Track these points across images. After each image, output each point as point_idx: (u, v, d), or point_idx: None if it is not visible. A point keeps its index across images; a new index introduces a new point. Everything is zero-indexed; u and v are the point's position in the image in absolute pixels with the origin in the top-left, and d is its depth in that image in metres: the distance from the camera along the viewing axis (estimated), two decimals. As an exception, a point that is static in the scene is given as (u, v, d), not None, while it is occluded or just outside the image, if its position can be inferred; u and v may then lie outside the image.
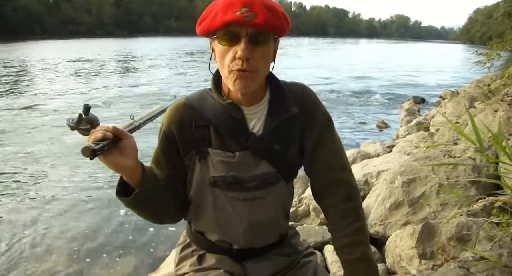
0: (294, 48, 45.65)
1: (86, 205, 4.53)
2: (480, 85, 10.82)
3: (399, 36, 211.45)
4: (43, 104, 10.44)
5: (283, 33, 1.04)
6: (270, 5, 0.99)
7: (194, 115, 1.15)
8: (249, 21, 0.95)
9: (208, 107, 1.14)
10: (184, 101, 1.18)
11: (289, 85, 1.20)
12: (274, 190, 1.18)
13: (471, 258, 1.67)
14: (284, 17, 1.03)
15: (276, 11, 1.00)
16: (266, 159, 1.14)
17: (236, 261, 1.25)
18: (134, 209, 1.10)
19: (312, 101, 1.20)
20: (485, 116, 4.15)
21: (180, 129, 1.14)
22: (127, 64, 22.59)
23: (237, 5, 0.96)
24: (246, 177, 1.14)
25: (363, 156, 4.94)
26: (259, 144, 1.13)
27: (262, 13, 0.96)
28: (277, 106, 1.15)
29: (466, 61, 24.57)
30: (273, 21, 0.98)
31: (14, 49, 31.77)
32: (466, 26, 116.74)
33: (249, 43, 0.98)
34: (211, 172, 1.14)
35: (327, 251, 2.66)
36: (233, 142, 1.14)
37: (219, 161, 1.13)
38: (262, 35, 0.99)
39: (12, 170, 5.63)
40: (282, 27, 1.02)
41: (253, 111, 1.15)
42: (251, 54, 0.99)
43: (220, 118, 1.13)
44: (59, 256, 3.48)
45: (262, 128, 1.14)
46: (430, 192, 2.62)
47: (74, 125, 0.95)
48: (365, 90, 14.44)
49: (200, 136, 1.14)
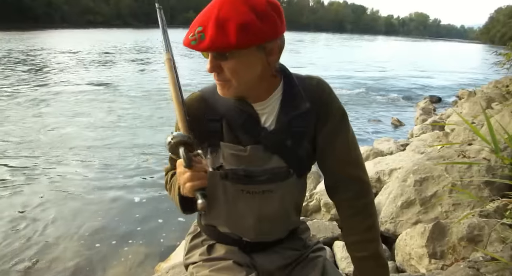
0: (310, 44, 45.39)
1: (97, 195, 4.58)
2: (498, 86, 10.64)
3: (417, 34, 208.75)
4: (62, 91, 10.59)
5: (244, 47, 0.98)
6: (223, 20, 0.95)
7: (207, 109, 1.16)
8: (195, 46, 0.97)
9: (221, 100, 1.15)
10: (198, 93, 1.19)
11: (303, 79, 1.19)
12: (285, 184, 1.18)
13: (481, 258, 1.66)
14: (244, 29, 0.95)
15: (228, 27, 0.95)
16: (278, 154, 1.15)
17: (246, 252, 1.26)
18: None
19: (327, 95, 1.18)
20: (502, 117, 4.09)
21: (193, 121, 1.15)
22: (143, 55, 22.72)
23: (196, 25, 0.99)
24: (257, 171, 1.14)
25: (376, 154, 4.92)
26: (271, 139, 1.13)
27: (209, 35, 0.95)
28: (290, 101, 1.15)
29: (485, 61, 24.18)
30: (220, 41, 0.95)
31: (35, 36, 32.24)
32: (487, 25, 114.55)
33: (215, 58, 1.01)
34: (223, 165, 1.15)
35: (337, 247, 2.66)
36: (245, 136, 1.14)
37: (231, 155, 1.14)
38: (222, 53, 0.99)
39: (22, 156, 5.74)
40: (236, 44, 0.95)
41: (263, 106, 1.14)
42: (218, 68, 1.02)
43: (232, 112, 1.14)
44: (69, 244, 3.53)
45: (275, 123, 1.14)
46: (443, 192, 2.60)
47: (187, 159, 0.98)
48: (381, 87, 14.33)
49: (212, 129, 1.15)
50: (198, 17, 1.01)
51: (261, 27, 0.97)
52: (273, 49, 1.05)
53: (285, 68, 1.17)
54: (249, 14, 0.96)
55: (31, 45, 23.91)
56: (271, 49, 1.05)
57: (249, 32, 0.96)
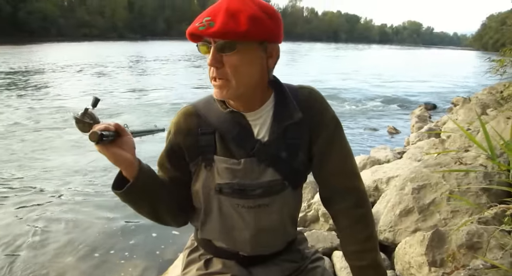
0: (306, 53, 45.62)
1: (93, 207, 4.53)
2: (493, 92, 10.71)
3: (411, 42, 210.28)
4: (56, 105, 10.56)
5: (252, 38, 1.00)
6: (234, 11, 0.97)
7: (200, 122, 1.15)
8: (203, 31, 0.97)
9: (213, 113, 1.15)
10: (190, 107, 1.18)
11: (295, 89, 1.19)
12: (280, 197, 1.17)
13: (481, 266, 1.65)
14: (255, 21, 0.98)
15: (239, 17, 0.96)
16: (272, 166, 1.14)
17: (243, 266, 1.25)
18: (128, 203, 1.12)
19: (320, 104, 1.18)
20: (497, 123, 4.11)
21: (187, 135, 1.15)
22: (138, 67, 22.76)
23: (204, 15, 1.00)
24: (251, 185, 1.13)
25: (373, 162, 4.91)
26: (265, 151, 1.12)
27: (220, 21, 0.95)
28: (282, 112, 1.14)
29: (478, 68, 24.36)
30: (231, 27, 0.95)
31: (30, 50, 32.22)
32: (479, 32, 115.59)
33: (217, 51, 1.00)
34: (217, 179, 1.14)
35: (336, 257, 2.64)
36: (239, 148, 1.13)
37: (225, 168, 1.13)
38: (229, 42, 0.99)
39: (20, 168, 5.69)
40: (245, 32, 0.96)
41: (255, 116, 1.14)
42: (219, 62, 1.01)
43: (225, 124, 1.13)
44: (65, 257, 3.49)
45: (268, 134, 1.14)
46: (441, 199, 2.60)
47: (79, 117, 1.03)
48: (376, 96, 14.36)
49: (205, 143, 1.14)
50: (205, 11, 1.02)
51: (270, 23, 1.01)
52: (273, 52, 1.07)
53: (276, 79, 1.17)
54: (259, 11, 0.99)
55: (27, 59, 23.92)
56: (272, 51, 1.06)
57: (259, 24, 0.98)
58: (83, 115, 1.04)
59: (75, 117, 1.04)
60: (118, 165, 1.05)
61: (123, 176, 1.07)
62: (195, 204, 1.23)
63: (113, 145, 1.00)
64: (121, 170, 1.07)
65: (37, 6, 63.42)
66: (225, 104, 1.14)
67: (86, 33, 73.51)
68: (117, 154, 1.01)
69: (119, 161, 1.03)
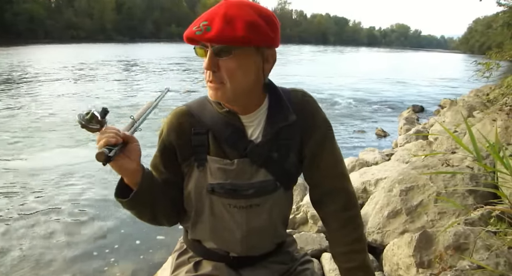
0: (295, 56, 45.73)
1: (82, 211, 4.48)
2: (479, 95, 10.87)
3: (399, 45, 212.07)
4: (41, 108, 10.44)
5: (249, 44, 0.99)
6: (231, 16, 0.97)
7: (193, 122, 1.15)
8: (199, 36, 0.98)
9: (207, 114, 1.15)
10: (184, 108, 1.19)
11: (288, 92, 1.20)
12: (272, 198, 1.18)
13: (468, 267, 1.67)
14: (252, 26, 0.98)
15: (236, 22, 0.96)
16: (265, 167, 1.15)
17: (233, 268, 1.25)
18: (132, 210, 1.11)
19: (312, 107, 1.20)
20: (483, 126, 4.16)
21: (179, 135, 1.15)
22: (126, 69, 22.62)
23: (201, 19, 1.00)
24: (244, 185, 1.14)
25: (361, 164, 4.94)
26: (258, 152, 1.13)
27: (217, 27, 0.96)
28: (276, 114, 1.15)
29: (465, 71, 24.65)
30: (227, 33, 0.96)
31: (17, 52, 31.82)
32: (466, 35, 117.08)
33: (214, 55, 1.00)
34: (209, 179, 1.14)
35: (325, 259, 2.65)
36: (232, 149, 1.14)
37: (217, 168, 1.13)
38: (226, 47, 0.99)
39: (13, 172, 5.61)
40: (242, 38, 0.96)
41: (250, 119, 1.15)
42: (215, 66, 1.01)
43: (219, 125, 1.13)
44: (53, 261, 3.45)
45: (261, 135, 1.14)
46: (428, 201, 2.62)
47: (85, 123, 0.95)
48: (365, 98, 14.45)
49: (199, 143, 1.14)
50: (202, 15, 1.02)
51: (266, 29, 1.01)
52: (270, 56, 1.08)
53: (270, 82, 1.18)
54: (256, 16, 0.99)
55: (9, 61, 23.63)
56: (268, 56, 1.07)
57: (255, 30, 0.98)
58: (88, 121, 0.95)
59: (80, 122, 0.96)
60: (123, 175, 1.04)
61: (125, 184, 1.06)
62: (186, 207, 1.23)
63: (120, 157, 0.98)
64: (122, 178, 1.06)
65: (24, 8, 62.67)
66: (221, 105, 1.14)
67: (73, 35, 72.73)
68: (124, 166, 1.00)
69: (125, 172, 1.02)
